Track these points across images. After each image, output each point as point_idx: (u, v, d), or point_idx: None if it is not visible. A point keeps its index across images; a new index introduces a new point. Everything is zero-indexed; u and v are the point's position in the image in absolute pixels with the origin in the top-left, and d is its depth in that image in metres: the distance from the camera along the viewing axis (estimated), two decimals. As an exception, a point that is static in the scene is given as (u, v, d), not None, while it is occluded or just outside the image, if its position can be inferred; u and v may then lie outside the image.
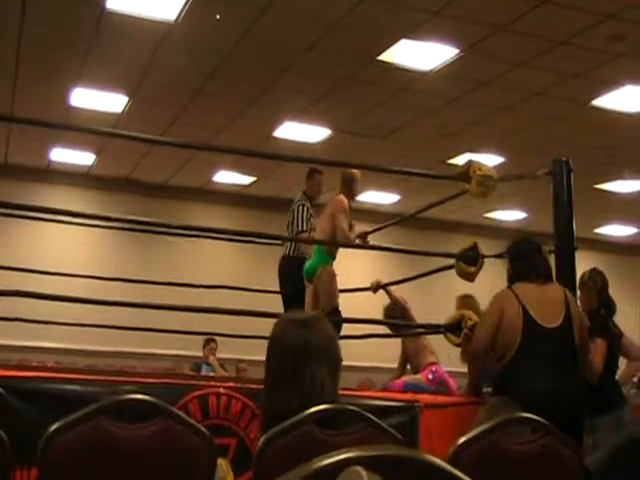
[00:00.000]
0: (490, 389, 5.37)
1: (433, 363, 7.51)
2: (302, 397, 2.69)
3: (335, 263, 8.23)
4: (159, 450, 2.58)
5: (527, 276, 4.85)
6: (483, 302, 8.01)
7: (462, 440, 2.51)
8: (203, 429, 2.64)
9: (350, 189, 7.80)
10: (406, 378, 7.53)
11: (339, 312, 7.30)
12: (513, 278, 4.97)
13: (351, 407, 2.77)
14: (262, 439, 2.52)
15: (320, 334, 2.90)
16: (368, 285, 7.87)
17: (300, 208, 8.10)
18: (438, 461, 1.07)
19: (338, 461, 1.05)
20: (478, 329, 4.93)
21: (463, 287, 7.36)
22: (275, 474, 1.00)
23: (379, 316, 7.83)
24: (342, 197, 7.63)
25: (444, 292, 12.60)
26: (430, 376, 7.38)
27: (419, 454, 1.08)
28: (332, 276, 7.35)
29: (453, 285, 7.99)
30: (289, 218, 8.11)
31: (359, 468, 1.02)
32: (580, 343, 4.83)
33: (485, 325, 4.86)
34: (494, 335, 4.73)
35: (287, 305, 7.58)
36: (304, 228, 7.97)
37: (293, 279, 7.72)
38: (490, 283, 8.78)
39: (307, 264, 7.54)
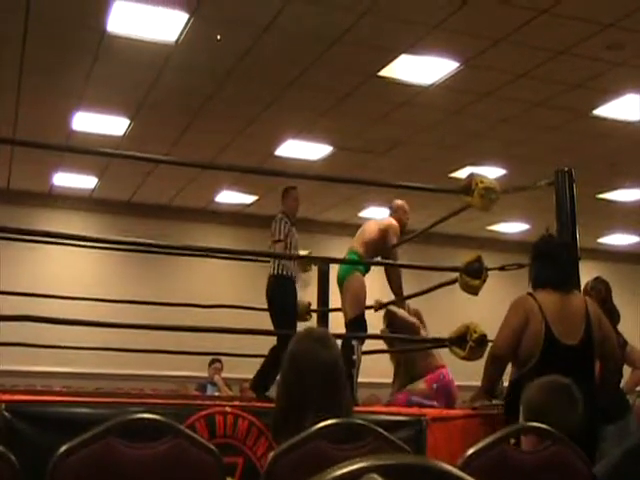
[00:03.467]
0: (497, 401, 5.36)
1: (442, 367, 7.47)
2: (341, 412, 2.72)
3: (332, 279, 8.23)
4: (168, 469, 2.57)
5: (551, 284, 4.76)
6: (486, 315, 8.03)
7: (471, 451, 2.51)
8: (212, 447, 2.64)
9: (399, 219, 7.74)
10: (409, 389, 7.50)
11: (363, 321, 7.27)
12: (536, 283, 4.86)
13: (359, 421, 2.77)
14: (271, 455, 2.52)
15: (336, 349, 2.95)
16: (369, 302, 7.84)
17: (277, 222, 8.12)
18: (452, 468, 1.08)
19: (353, 470, 1.05)
20: (501, 331, 4.81)
21: (467, 301, 7.37)
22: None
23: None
24: (395, 222, 7.60)
25: (448, 306, 12.62)
26: (434, 386, 7.34)
27: (433, 462, 1.08)
28: (360, 285, 7.30)
29: (457, 299, 8.00)
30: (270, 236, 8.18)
31: (375, 475, 1.02)
32: (605, 356, 4.79)
33: (508, 328, 4.74)
34: (518, 339, 4.65)
35: (276, 324, 7.60)
36: (280, 237, 7.96)
37: (279, 297, 7.74)
38: (493, 296, 8.83)
39: (339, 270, 7.51)
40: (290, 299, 7.73)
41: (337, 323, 7.83)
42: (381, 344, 7.99)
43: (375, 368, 7.90)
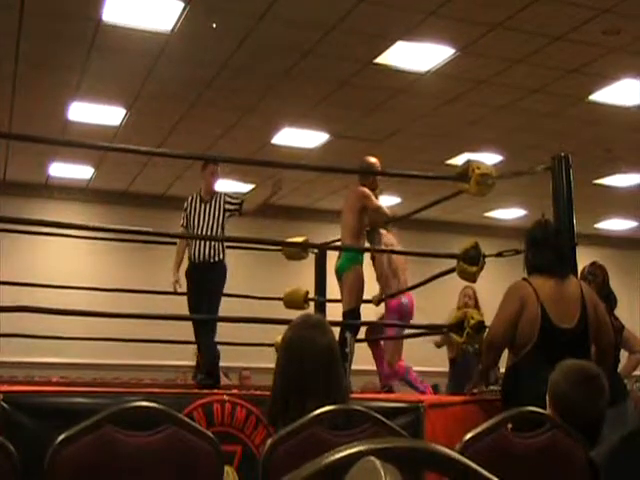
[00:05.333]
0: (493, 387, 5.37)
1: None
2: (340, 397, 2.74)
3: (330, 267, 8.21)
4: (166, 457, 2.58)
5: (547, 269, 4.76)
6: (483, 300, 8.03)
7: (469, 436, 2.52)
8: (210, 434, 2.64)
9: (369, 178, 7.50)
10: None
11: (358, 314, 7.24)
12: (532, 269, 4.86)
13: (357, 407, 2.78)
14: (269, 442, 2.52)
15: (332, 334, 2.98)
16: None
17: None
18: (451, 452, 1.07)
19: (350, 454, 1.05)
20: (496, 318, 4.82)
21: (464, 287, 7.37)
22: (283, 476, 1.00)
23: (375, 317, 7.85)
24: (362, 188, 7.38)
25: (446, 292, 12.59)
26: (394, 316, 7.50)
27: (431, 445, 1.08)
28: (357, 278, 7.26)
29: (454, 285, 7.97)
30: None
31: (373, 458, 1.02)
32: (600, 340, 4.80)
33: (504, 314, 4.75)
34: (514, 325, 4.64)
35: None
36: (180, 223, 7.92)
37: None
38: (490, 282, 8.83)
39: (337, 263, 7.47)
40: (189, 284, 7.70)
41: (334, 311, 7.82)
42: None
43: (371, 356, 7.91)
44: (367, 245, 7.63)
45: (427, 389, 7.52)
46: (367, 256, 7.64)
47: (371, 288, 7.69)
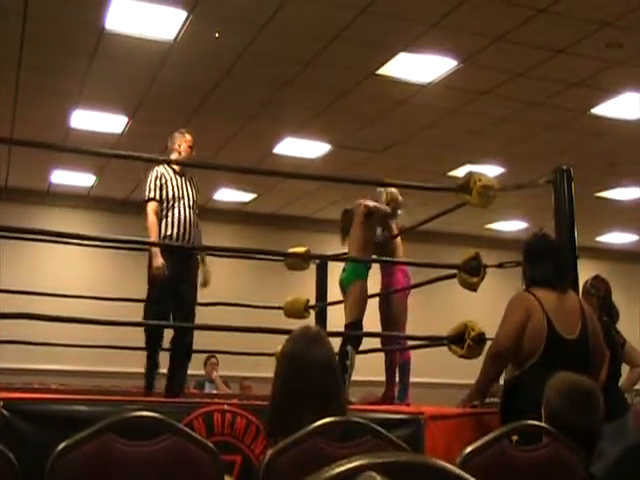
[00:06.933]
0: (493, 399, 5.34)
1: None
2: (339, 409, 2.74)
3: (330, 276, 8.21)
4: (166, 467, 2.57)
5: (547, 282, 4.73)
6: (484, 311, 8.02)
7: (470, 449, 2.51)
8: (210, 445, 2.63)
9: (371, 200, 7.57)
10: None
11: (360, 327, 7.17)
12: (531, 282, 4.81)
13: (357, 419, 2.77)
14: (269, 453, 2.52)
15: (330, 346, 2.97)
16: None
17: (150, 177, 6.88)
18: (450, 467, 1.07)
19: (350, 469, 1.04)
20: (501, 328, 4.74)
21: (465, 297, 7.36)
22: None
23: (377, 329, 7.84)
24: (363, 202, 7.44)
25: (446, 303, 12.58)
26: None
27: (432, 460, 1.08)
28: (361, 291, 7.22)
29: (455, 296, 7.96)
30: None
31: (374, 473, 1.02)
32: (595, 353, 4.79)
33: (510, 325, 4.67)
34: (519, 336, 4.60)
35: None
36: (150, 196, 6.78)
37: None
38: (491, 293, 8.83)
39: (342, 276, 7.43)
40: (152, 275, 6.68)
41: (335, 322, 7.81)
42: (377, 343, 7.97)
43: (371, 366, 7.89)
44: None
45: (408, 397, 7.51)
46: (372, 270, 7.64)
47: (373, 303, 7.68)
